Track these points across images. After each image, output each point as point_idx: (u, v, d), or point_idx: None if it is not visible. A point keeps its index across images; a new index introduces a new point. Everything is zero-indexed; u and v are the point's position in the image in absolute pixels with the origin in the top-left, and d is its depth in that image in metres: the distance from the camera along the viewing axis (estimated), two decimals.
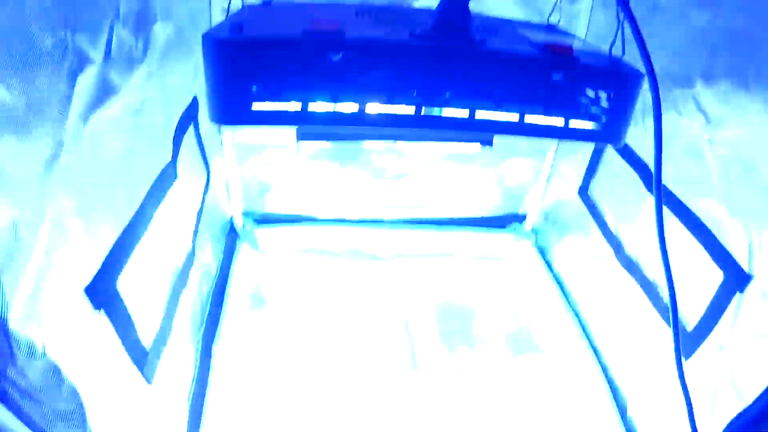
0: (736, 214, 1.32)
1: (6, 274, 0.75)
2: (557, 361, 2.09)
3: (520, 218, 2.68)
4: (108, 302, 1.11)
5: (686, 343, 1.45)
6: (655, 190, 1.12)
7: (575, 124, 1.18)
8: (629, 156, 1.78)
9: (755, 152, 1.26)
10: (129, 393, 1.24)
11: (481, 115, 1.13)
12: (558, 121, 1.17)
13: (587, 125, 1.19)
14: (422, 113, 1.11)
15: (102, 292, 1.08)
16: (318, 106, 1.07)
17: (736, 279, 1.30)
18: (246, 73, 1.04)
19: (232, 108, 1.07)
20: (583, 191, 2.15)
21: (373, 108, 1.09)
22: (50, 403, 0.89)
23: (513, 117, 1.14)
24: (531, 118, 1.15)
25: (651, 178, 1.58)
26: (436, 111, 1.12)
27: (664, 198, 1.53)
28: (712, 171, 1.41)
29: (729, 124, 1.36)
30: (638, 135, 1.54)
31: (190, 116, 1.72)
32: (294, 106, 1.07)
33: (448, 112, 1.12)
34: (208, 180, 1.99)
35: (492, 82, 1.12)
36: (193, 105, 1.74)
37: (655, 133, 1.10)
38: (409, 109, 1.11)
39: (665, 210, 1.53)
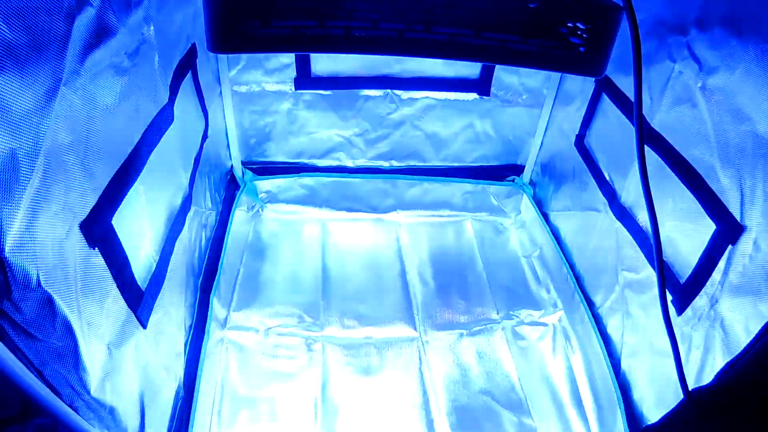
0: (729, 163, 1.31)
1: (2, 203, 0.77)
2: (553, 314, 2.12)
3: (519, 169, 2.69)
4: (103, 240, 1.12)
5: (679, 296, 1.46)
6: (637, 138, 1.13)
7: (555, 53, 1.19)
8: (624, 105, 1.77)
9: (747, 100, 1.25)
10: (123, 335, 1.25)
11: (462, 40, 1.15)
12: (537, 50, 1.19)
13: (566, 55, 1.20)
14: (405, 36, 1.13)
15: (97, 229, 1.09)
16: (309, 30, 1.10)
17: (728, 230, 1.30)
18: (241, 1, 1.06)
19: (229, 35, 1.09)
20: (579, 142, 2.15)
21: (360, 31, 1.11)
22: (44, 338, 0.91)
23: (492, 43, 1.16)
24: (511, 45, 1.17)
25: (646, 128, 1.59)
26: (418, 34, 1.14)
27: (657, 147, 1.53)
28: (705, 119, 1.40)
29: (722, 70, 1.35)
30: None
31: (188, 63, 1.71)
32: (287, 31, 1.09)
33: (430, 35, 1.14)
34: (206, 127, 2.00)
35: (471, 8, 1.13)
36: (192, 52, 1.73)
37: (634, 70, 1.11)
38: (391, 33, 1.13)
39: (659, 159, 1.53)
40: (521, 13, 1.16)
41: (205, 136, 1.98)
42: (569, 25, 1.18)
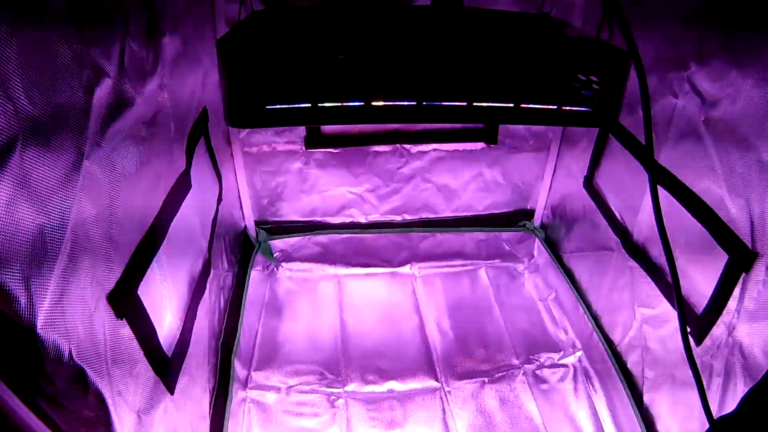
0: (737, 193, 1.33)
1: (33, 280, 0.78)
2: (572, 355, 2.12)
3: (530, 214, 2.71)
4: (130, 310, 1.13)
5: (697, 327, 1.46)
6: (650, 181, 1.15)
7: (568, 108, 1.22)
8: (630, 143, 1.79)
9: (750, 128, 1.27)
10: (152, 402, 1.26)
11: (478, 104, 1.18)
12: (551, 106, 1.21)
13: (580, 109, 1.23)
14: (423, 104, 1.16)
15: (124, 300, 1.10)
16: (327, 104, 1.12)
17: (741, 258, 1.30)
18: (258, 77, 1.10)
19: (247, 111, 1.12)
20: (588, 183, 2.16)
21: (378, 103, 1.14)
22: (77, 408, 0.92)
23: (508, 104, 1.19)
24: (525, 105, 1.20)
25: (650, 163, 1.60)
26: (436, 102, 1.16)
27: (665, 182, 1.55)
28: (710, 151, 1.42)
29: (724, 102, 1.36)
30: (639, 123, 1.52)
31: (201, 127, 1.74)
32: (304, 105, 1.12)
33: (448, 102, 1.17)
34: (220, 190, 2.02)
35: (486, 72, 1.17)
36: (204, 116, 1.77)
37: (644, 114, 1.13)
38: (411, 102, 1.16)
39: (666, 194, 1.55)
40: (536, 71, 1.19)
41: (219, 199, 2.00)
42: (581, 78, 1.21)
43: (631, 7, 1.53)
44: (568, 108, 1.23)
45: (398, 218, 2.65)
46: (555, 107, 1.21)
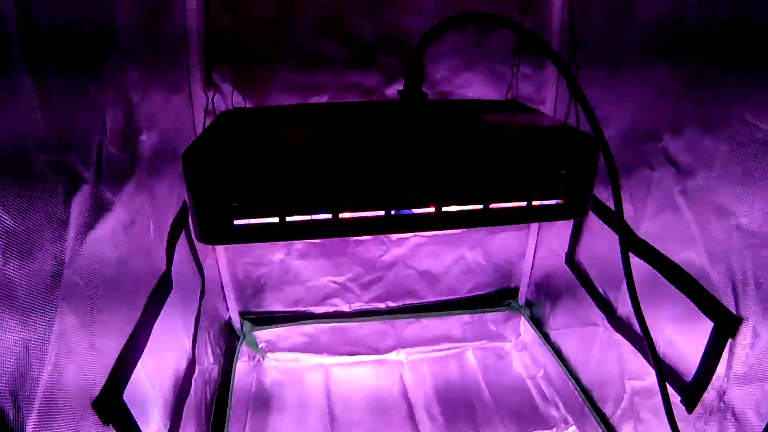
0: (718, 260, 1.34)
1: (20, 393, 0.76)
2: (565, 430, 2.09)
3: (513, 292, 2.71)
4: (116, 416, 1.12)
5: (687, 395, 1.46)
6: (623, 258, 1.16)
7: (538, 204, 1.24)
8: (608, 217, 1.82)
9: (727, 195, 1.29)
10: None
11: (448, 209, 1.20)
12: (521, 204, 1.23)
13: (550, 203, 1.24)
14: (392, 214, 1.18)
15: (110, 406, 1.08)
16: (294, 219, 1.14)
17: (726, 324, 1.31)
18: (224, 193, 1.10)
19: (215, 227, 1.12)
20: (569, 259, 2.18)
21: (347, 215, 1.16)
22: None
23: (477, 207, 1.21)
24: (495, 205, 1.22)
25: (632, 238, 1.62)
26: (405, 211, 1.19)
27: (646, 255, 1.57)
28: (689, 220, 1.44)
29: (699, 171, 1.39)
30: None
31: (180, 222, 1.73)
32: (272, 220, 1.13)
33: (417, 210, 1.19)
34: (203, 285, 2.01)
35: (454, 175, 1.18)
36: (183, 210, 1.76)
37: (615, 205, 1.15)
38: (379, 213, 1.17)
39: (648, 267, 1.56)
40: (502, 172, 1.19)
41: (202, 294, 1.99)
42: (551, 172, 1.23)
43: (602, 74, 1.58)
44: (538, 203, 1.24)
45: (382, 306, 2.63)
46: (525, 204, 1.23)
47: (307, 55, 1.98)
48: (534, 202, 1.23)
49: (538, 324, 2.57)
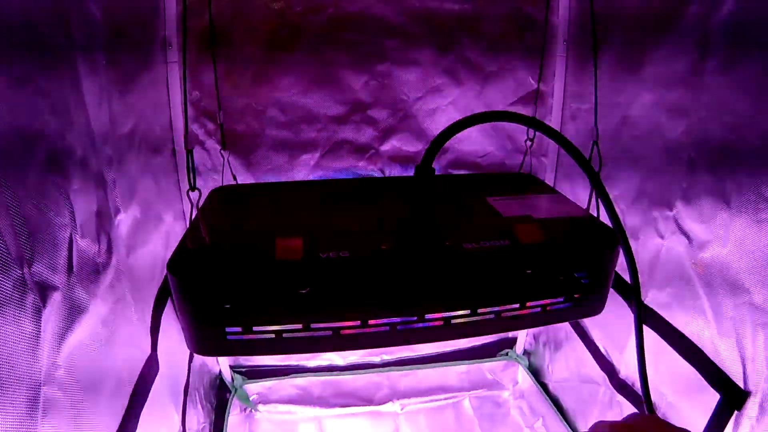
0: (728, 335, 1.30)
1: None
2: None
3: (511, 342, 2.66)
4: None
5: None
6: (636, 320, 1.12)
7: (553, 307, 1.17)
8: (615, 283, 1.76)
9: (742, 271, 1.24)
10: None
11: (457, 320, 1.12)
12: (535, 310, 1.17)
13: (565, 305, 1.18)
14: (397, 329, 1.09)
15: None
16: (291, 334, 1.07)
17: (733, 397, 1.27)
18: (216, 306, 1.03)
19: (208, 340, 1.06)
20: None
21: (348, 330, 1.08)
22: None
23: (489, 315, 1.13)
24: (507, 314, 1.15)
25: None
26: (410, 326, 1.10)
27: (655, 324, 1.53)
28: (700, 293, 1.39)
29: (712, 244, 1.33)
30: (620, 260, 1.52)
31: (166, 289, 1.62)
32: (268, 335, 1.07)
33: (423, 324, 1.11)
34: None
35: (462, 289, 1.11)
36: (167, 279, 1.67)
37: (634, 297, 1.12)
38: (383, 327, 1.09)
39: (657, 336, 1.52)
40: (516, 280, 1.12)
41: (191, 359, 1.93)
42: (564, 278, 1.17)
43: (612, 143, 1.54)
44: (552, 305, 1.18)
45: (377, 359, 2.58)
46: (539, 310, 1.17)
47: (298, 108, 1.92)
48: (548, 307, 1.17)
49: (537, 374, 2.52)
